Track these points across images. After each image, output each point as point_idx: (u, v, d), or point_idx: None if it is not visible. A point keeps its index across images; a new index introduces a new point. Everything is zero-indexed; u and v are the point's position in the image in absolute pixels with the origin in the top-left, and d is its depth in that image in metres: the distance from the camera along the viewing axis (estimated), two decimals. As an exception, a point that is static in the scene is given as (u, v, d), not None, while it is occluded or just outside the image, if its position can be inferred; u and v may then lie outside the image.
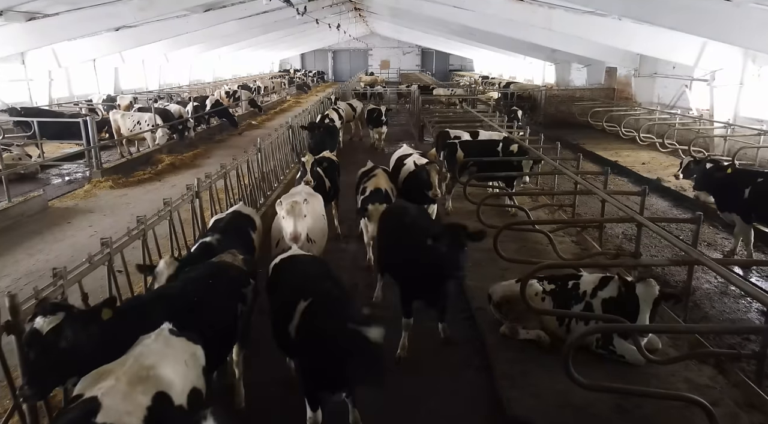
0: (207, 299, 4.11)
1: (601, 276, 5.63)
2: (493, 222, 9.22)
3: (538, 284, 5.87)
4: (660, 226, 6.08)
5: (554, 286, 5.89)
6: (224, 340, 4.28)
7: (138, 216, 5.35)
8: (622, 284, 5.32)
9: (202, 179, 7.07)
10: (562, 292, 5.79)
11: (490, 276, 7.12)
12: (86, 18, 14.87)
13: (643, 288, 5.21)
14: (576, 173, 9.08)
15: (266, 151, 11.06)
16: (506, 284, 6.31)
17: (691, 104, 17.60)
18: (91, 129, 13.14)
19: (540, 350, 5.67)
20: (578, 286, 5.75)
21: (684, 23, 10.82)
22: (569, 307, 5.67)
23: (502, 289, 6.09)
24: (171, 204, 6.02)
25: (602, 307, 5.49)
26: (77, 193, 12.19)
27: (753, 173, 8.56)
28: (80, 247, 8.58)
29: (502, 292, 6.05)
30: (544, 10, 16.00)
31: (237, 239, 5.31)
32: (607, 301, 5.49)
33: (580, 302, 5.63)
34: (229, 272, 4.52)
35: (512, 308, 5.90)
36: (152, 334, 3.26)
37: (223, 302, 4.26)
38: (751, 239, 8.12)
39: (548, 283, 5.88)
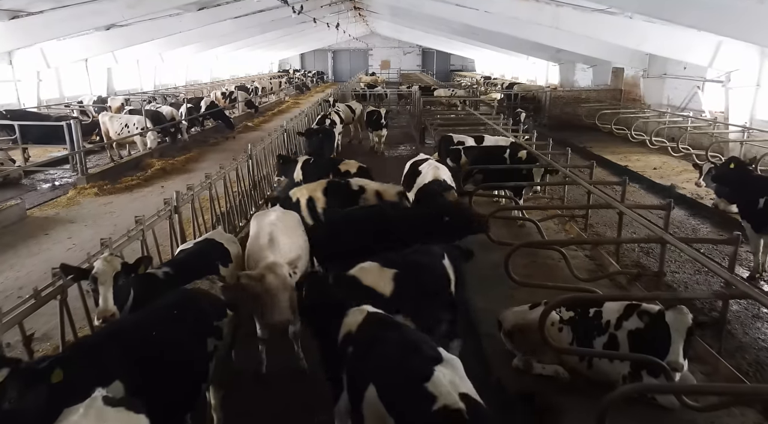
0: (169, 335, 3.53)
1: (626, 303, 4.99)
2: (501, 234, 8.62)
3: (554, 311, 5.23)
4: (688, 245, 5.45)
5: (573, 314, 5.24)
6: (192, 382, 3.66)
7: (102, 238, 4.70)
8: (650, 314, 4.71)
9: (182, 192, 6.41)
10: (583, 322, 5.14)
11: (498, 297, 6.46)
12: (72, 16, 14.23)
13: (674, 317, 4.57)
14: (590, 182, 8.46)
15: (259, 157, 10.44)
16: (519, 311, 5.67)
17: (703, 106, 16.93)
18: (75, 133, 12.49)
19: (557, 386, 5.04)
20: (601, 315, 5.10)
21: (705, 21, 10.17)
22: (591, 339, 5.03)
23: (515, 316, 5.44)
24: (144, 222, 5.36)
25: (629, 340, 4.85)
26: (59, 201, 11.56)
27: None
28: (55, 262, 7.79)
29: (514, 320, 5.39)
30: (551, 8, 15.35)
31: (198, 274, 4.44)
32: (634, 333, 4.84)
33: (603, 334, 4.98)
34: (198, 303, 3.91)
35: (526, 339, 5.25)
36: (81, 406, 2.59)
37: (188, 338, 3.66)
38: (759, 249, 7.45)
39: (566, 310, 5.24)
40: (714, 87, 16.34)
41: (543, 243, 6.59)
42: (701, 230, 10.04)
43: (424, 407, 2.77)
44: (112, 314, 3.86)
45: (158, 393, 3.22)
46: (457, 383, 2.94)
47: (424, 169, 8.20)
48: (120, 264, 4.03)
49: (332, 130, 14.21)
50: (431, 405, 2.76)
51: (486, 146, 10.53)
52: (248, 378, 4.95)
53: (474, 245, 7.92)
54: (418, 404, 2.81)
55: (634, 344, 4.79)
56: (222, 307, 4.03)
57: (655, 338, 4.64)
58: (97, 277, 3.93)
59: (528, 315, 5.56)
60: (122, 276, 4.00)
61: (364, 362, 3.24)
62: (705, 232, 9.94)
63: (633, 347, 4.79)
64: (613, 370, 4.89)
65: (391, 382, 3.02)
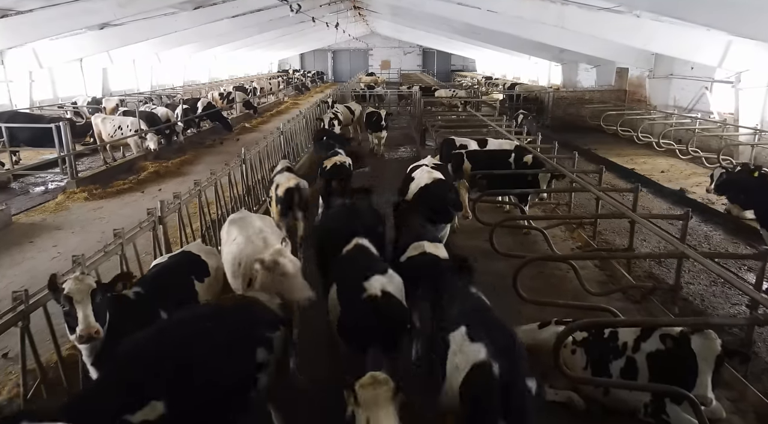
0: (217, 340, 3.41)
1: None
2: (506, 243, 8.21)
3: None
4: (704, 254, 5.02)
5: (587, 334, 4.84)
6: (237, 389, 3.40)
7: (74, 256, 4.29)
8: (673, 337, 4.29)
9: (168, 200, 6.01)
10: (598, 343, 4.74)
11: (503, 312, 5.96)
12: (62, 15, 13.82)
13: (701, 342, 4.15)
14: (599, 189, 8.06)
15: (253, 161, 10.04)
16: (527, 329, 5.28)
17: (711, 107, 16.51)
18: (65, 135, 12.07)
19: (571, 414, 4.64)
20: (617, 335, 4.70)
21: (718, 20, 9.75)
22: (607, 362, 4.63)
23: (524, 335, 5.02)
24: (123, 235, 4.95)
25: (648, 363, 4.44)
26: (47, 206, 11.14)
27: None
28: (38, 272, 7.51)
29: (523, 340, 4.97)
30: (557, 7, 14.92)
31: (169, 291, 4.11)
32: (655, 356, 4.43)
33: (620, 357, 4.58)
34: (252, 311, 3.82)
35: (535, 361, 4.83)
36: None
37: (237, 344, 3.49)
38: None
39: (579, 330, 4.82)
40: (723, 88, 15.93)
41: (554, 258, 6.14)
42: (714, 238, 9.63)
43: (357, 296, 4.17)
44: (96, 331, 3.48)
45: (200, 397, 3.15)
46: (387, 287, 4.31)
47: (417, 174, 7.56)
48: (94, 282, 3.64)
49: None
50: (361, 295, 4.17)
51: (490, 150, 10.10)
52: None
53: (478, 254, 7.60)
54: (355, 294, 4.20)
55: (655, 368, 4.39)
56: (276, 320, 3.89)
57: (678, 364, 4.23)
58: (71, 296, 3.53)
59: (538, 335, 5.17)
60: (99, 294, 3.62)
61: (335, 269, 4.81)
62: (718, 240, 9.53)
63: (653, 372, 4.38)
64: (632, 397, 4.48)
65: (343, 281, 4.49)
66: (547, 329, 5.12)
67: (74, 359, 4.38)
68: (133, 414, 2.72)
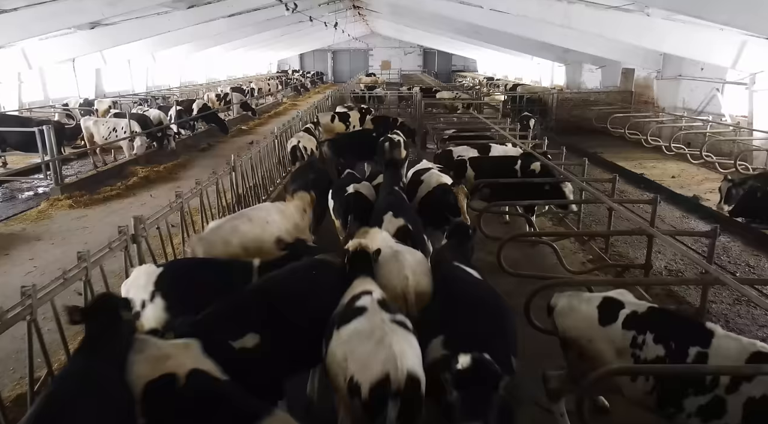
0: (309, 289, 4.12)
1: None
2: (511, 256, 7.64)
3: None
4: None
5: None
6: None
7: (23, 286, 3.73)
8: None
9: (144, 215, 5.45)
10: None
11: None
12: (48, 14, 13.26)
13: None
14: (613, 200, 7.49)
15: (245, 168, 9.49)
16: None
17: (723, 110, 15.94)
18: (49, 139, 11.52)
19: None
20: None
21: (738, 19, 9.19)
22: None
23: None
24: (88, 259, 4.40)
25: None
26: (29, 215, 10.60)
27: None
28: (8, 290, 6.94)
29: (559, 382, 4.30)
30: (563, 6, 14.36)
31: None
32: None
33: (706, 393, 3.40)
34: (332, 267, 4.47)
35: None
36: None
37: (326, 295, 4.06)
38: None
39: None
40: (735, 89, 15.36)
41: (564, 282, 5.45)
42: (732, 250, 9.05)
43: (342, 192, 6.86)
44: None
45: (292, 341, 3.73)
46: (360, 189, 7.07)
47: (426, 178, 7.51)
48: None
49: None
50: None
51: (494, 156, 9.55)
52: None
53: (483, 270, 7.05)
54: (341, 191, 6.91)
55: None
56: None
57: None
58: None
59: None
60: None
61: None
62: (737, 251, 8.96)
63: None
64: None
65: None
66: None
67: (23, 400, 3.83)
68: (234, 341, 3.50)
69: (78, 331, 4.77)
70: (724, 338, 3.45)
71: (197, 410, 2.92)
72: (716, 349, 3.37)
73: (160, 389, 2.98)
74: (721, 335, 3.47)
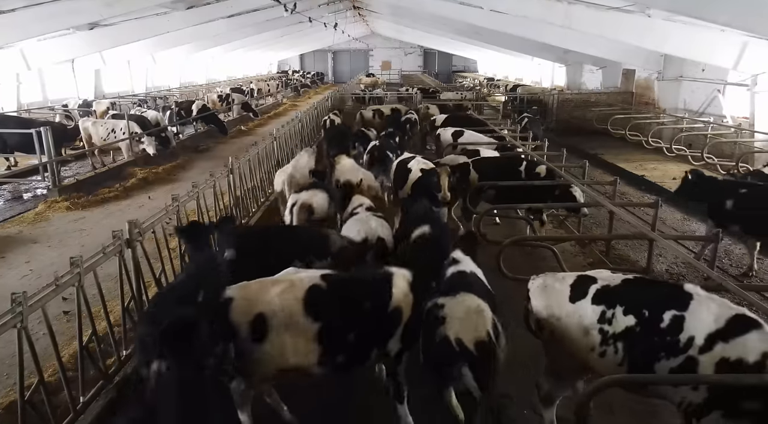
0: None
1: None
2: (511, 259, 7.56)
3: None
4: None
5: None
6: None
7: (14, 293, 3.66)
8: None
9: (139, 219, 5.38)
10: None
11: (517, 341, 4.85)
12: (46, 15, 13.21)
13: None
14: (614, 203, 7.43)
15: (243, 170, 9.43)
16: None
17: (724, 111, 15.86)
18: (47, 140, 11.46)
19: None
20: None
21: (740, 20, 9.13)
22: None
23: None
24: (81, 265, 4.33)
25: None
26: (26, 217, 10.51)
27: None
28: (4, 294, 6.87)
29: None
30: (563, 6, 14.29)
31: None
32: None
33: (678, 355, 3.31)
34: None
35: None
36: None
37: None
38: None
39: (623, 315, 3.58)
40: (737, 91, 15.29)
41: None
42: (734, 252, 8.96)
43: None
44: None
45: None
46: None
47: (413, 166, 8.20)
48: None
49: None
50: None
51: (498, 158, 9.49)
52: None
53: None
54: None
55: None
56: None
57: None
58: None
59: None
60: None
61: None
62: (739, 254, 8.87)
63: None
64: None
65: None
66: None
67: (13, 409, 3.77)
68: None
69: (71, 336, 4.72)
70: (704, 299, 3.34)
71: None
72: (693, 312, 3.28)
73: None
74: (701, 297, 3.36)
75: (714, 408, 3.09)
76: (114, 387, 4.57)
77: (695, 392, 3.17)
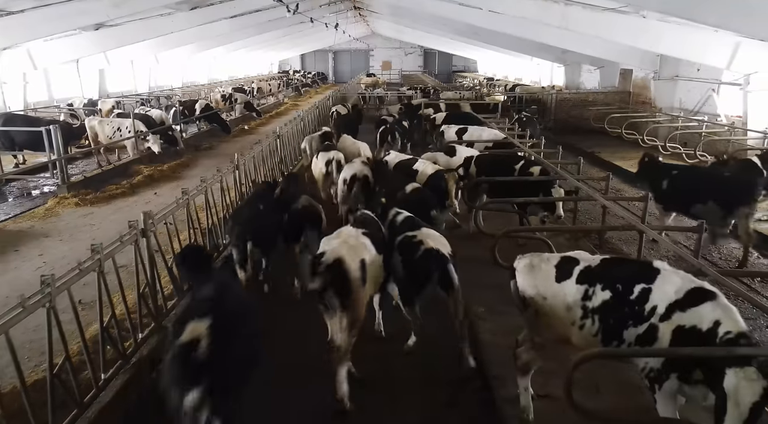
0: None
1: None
2: (507, 250, 7.84)
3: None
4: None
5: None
6: None
7: (43, 275, 3.96)
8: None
9: (153, 211, 5.68)
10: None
11: (511, 326, 5.21)
12: (55, 15, 13.53)
13: (736, 382, 3.01)
14: (606, 197, 7.72)
15: (248, 166, 9.73)
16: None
17: (718, 110, 16.16)
18: (56, 139, 11.76)
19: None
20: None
21: (730, 21, 9.42)
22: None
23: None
24: (101, 251, 4.63)
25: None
26: (36, 212, 10.82)
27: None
28: (20, 284, 7.18)
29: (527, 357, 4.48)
30: (560, 7, 14.58)
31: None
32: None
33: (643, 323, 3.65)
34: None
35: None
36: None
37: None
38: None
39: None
40: (730, 90, 15.59)
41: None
42: (723, 247, 9.28)
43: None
44: None
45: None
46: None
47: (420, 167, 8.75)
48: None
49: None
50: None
51: (497, 154, 9.82)
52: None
53: (480, 265, 7.27)
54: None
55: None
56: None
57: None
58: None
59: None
60: None
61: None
62: (729, 248, 9.19)
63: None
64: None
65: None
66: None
67: (42, 385, 4.07)
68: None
69: (87, 323, 5.01)
70: (669, 274, 3.66)
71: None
72: (659, 285, 3.62)
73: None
74: (666, 272, 3.68)
75: (671, 372, 3.44)
76: (131, 367, 4.87)
77: (655, 359, 3.53)
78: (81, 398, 4.21)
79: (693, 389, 3.46)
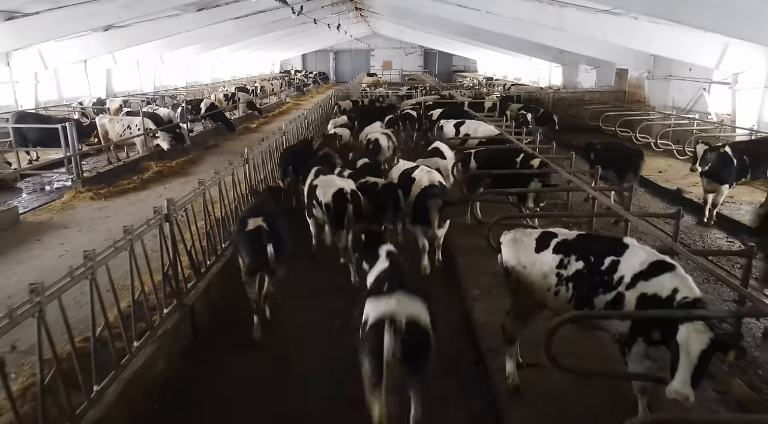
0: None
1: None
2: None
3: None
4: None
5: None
6: None
7: (86, 251, 4.48)
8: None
9: (175, 198, 6.19)
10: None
11: (504, 307, 5.95)
12: (68, 17, 14.04)
13: (687, 334, 3.58)
14: (594, 188, 8.22)
15: (256, 161, 10.23)
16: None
17: (709, 108, 16.66)
18: (71, 135, 12.28)
19: (563, 406, 4.79)
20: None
21: (713, 22, 9.91)
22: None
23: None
24: (132, 232, 5.14)
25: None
26: (54, 205, 11.33)
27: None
28: (45, 270, 7.69)
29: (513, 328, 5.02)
30: (555, 9, 15.08)
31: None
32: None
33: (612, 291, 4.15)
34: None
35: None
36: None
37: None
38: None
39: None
40: (720, 89, 16.09)
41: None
42: (708, 237, 9.79)
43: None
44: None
45: None
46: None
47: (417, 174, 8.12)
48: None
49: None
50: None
51: (497, 149, 10.36)
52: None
53: (477, 253, 7.77)
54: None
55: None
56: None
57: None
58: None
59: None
60: None
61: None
62: (713, 238, 9.70)
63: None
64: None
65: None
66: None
67: (86, 350, 4.58)
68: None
69: (109, 303, 5.48)
70: (636, 249, 4.17)
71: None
72: (626, 258, 4.13)
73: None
74: (634, 247, 4.19)
75: (637, 336, 3.93)
76: (158, 338, 5.38)
77: (623, 324, 4.03)
78: (117, 361, 4.73)
79: (656, 350, 3.96)
